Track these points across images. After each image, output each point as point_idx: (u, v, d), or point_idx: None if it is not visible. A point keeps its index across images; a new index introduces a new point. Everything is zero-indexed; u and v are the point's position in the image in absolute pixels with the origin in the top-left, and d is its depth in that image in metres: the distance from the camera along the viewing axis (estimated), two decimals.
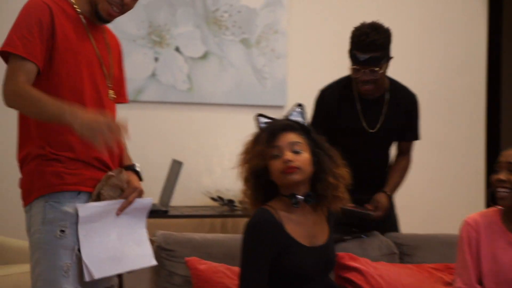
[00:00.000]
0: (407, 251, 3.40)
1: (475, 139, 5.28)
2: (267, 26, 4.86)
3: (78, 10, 2.47)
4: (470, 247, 2.89)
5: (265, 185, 2.55)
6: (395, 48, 3.41)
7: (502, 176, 2.80)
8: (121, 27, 4.56)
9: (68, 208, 2.36)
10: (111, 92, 2.52)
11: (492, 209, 2.95)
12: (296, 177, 2.48)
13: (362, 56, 3.25)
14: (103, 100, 2.47)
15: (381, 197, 3.45)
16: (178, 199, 4.51)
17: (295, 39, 4.92)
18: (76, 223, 2.36)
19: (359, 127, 3.44)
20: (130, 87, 4.60)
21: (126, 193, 2.46)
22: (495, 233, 2.89)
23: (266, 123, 2.61)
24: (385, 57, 3.32)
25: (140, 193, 2.50)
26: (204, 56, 4.78)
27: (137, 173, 2.55)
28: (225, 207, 4.47)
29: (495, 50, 6.05)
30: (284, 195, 2.53)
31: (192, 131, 4.79)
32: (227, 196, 4.55)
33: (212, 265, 2.90)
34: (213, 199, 4.55)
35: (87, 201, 2.40)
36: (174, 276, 2.95)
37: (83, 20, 2.47)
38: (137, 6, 4.61)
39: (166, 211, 4.21)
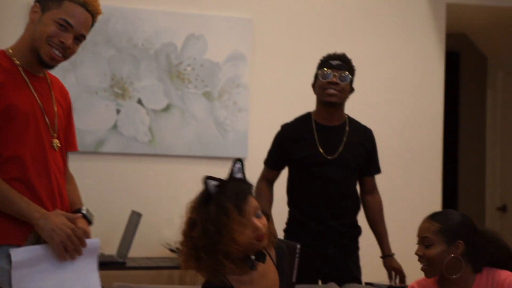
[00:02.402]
0: None
1: (433, 195, 5.34)
2: (230, 80, 4.92)
3: (17, 62, 2.47)
4: None
5: None
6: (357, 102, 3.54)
7: (419, 251, 2.77)
8: (83, 79, 4.60)
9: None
10: (55, 141, 2.51)
11: None
12: (265, 241, 2.50)
13: (334, 62, 3.52)
14: (46, 150, 2.47)
15: (392, 263, 3.60)
16: (138, 251, 4.49)
17: (256, 93, 4.99)
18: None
19: (317, 154, 3.53)
20: (91, 138, 4.66)
21: None
22: None
23: (217, 186, 2.51)
24: (351, 77, 3.55)
25: (86, 235, 2.42)
26: (166, 108, 4.82)
27: (85, 217, 2.50)
28: None
29: (452, 106, 6.19)
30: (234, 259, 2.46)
31: (153, 183, 4.80)
32: None
33: None
34: (172, 250, 4.54)
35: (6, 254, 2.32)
36: None
37: (22, 72, 2.46)
38: (100, 59, 4.66)
39: (123, 263, 4.19)
